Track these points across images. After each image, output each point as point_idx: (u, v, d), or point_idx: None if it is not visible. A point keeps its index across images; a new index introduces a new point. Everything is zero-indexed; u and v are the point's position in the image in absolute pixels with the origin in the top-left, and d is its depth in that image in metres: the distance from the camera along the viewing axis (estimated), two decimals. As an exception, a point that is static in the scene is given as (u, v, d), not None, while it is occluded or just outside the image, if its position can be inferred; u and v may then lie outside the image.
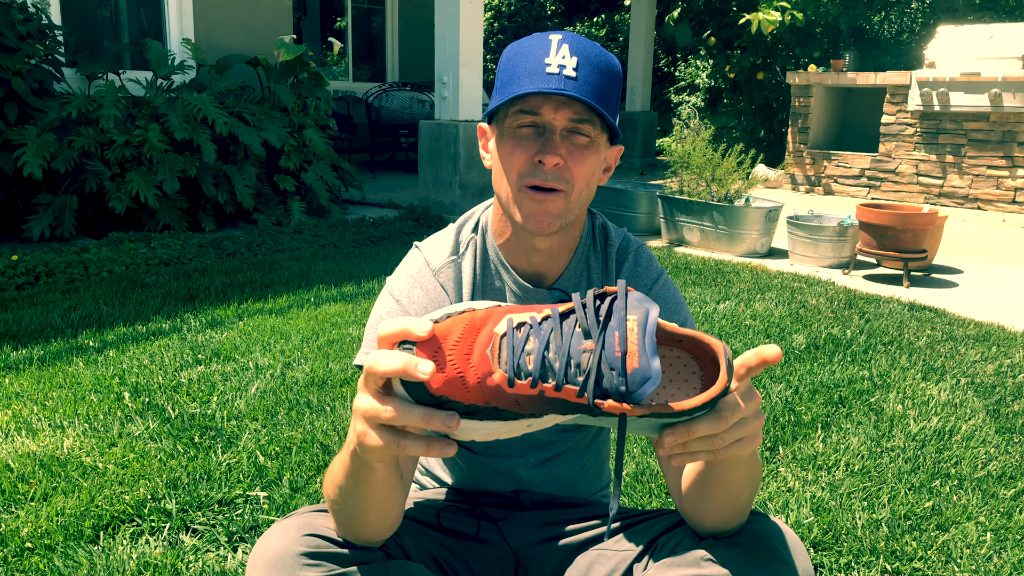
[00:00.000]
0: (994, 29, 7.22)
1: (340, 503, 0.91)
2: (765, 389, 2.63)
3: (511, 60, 1.01)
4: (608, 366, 0.68)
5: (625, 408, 0.68)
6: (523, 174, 1.00)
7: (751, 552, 0.95)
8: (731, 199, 5.13)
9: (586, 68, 0.97)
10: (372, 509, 0.91)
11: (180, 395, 2.48)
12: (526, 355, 0.70)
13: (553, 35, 0.98)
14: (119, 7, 6.47)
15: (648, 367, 0.67)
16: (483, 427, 0.73)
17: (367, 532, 0.94)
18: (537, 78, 0.96)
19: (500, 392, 0.70)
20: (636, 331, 0.69)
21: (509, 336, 0.71)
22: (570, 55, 0.96)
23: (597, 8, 14.11)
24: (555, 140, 0.99)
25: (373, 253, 4.74)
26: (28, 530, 1.70)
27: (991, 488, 2.01)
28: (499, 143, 1.03)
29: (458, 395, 0.70)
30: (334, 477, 0.91)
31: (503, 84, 1.01)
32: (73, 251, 4.29)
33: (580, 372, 0.69)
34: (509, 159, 1.01)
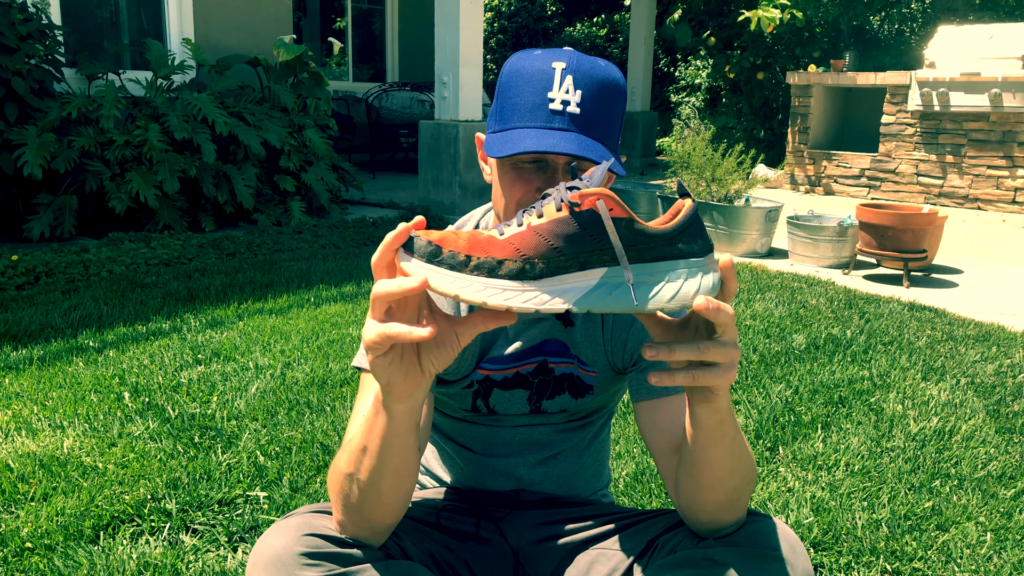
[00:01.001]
0: (994, 29, 7.22)
1: (353, 474, 0.90)
2: (765, 389, 2.63)
3: (513, 84, 0.98)
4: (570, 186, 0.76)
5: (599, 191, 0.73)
6: (522, 204, 1.00)
7: (750, 552, 0.95)
8: (731, 199, 5.13)
9: (591, 101, 0.95)
10: (388, 473, 0.89)
11: (180, 395, 2.48)
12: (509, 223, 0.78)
13: (557, 62, 0.95)
14: (119, 7, 6.47)
15: (603, 167, 0.75)
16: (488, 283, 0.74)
17: (376, 511, 0.93)
18: (539, 115, 0.94)
19: (493, 241, 0.75)
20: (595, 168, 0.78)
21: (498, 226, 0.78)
22: (574, 88, 0.94)
23: (597, 8, 14.11)
24: (558, 178, 0.98)
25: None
26: (28, 530, 1.70)
27: (991, 488, 2.01)
28: (499, 167, 1.02)
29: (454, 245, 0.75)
30: (351, 445, 0.90)
31: (504, 111, 0.98)
32: (73, 251, 4.29)
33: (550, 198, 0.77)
34: (510, 189, 1.00)
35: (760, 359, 2.93)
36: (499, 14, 13.80)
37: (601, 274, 0.75)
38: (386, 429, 0.86)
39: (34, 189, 4.84)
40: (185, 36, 6.31)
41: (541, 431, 1.19)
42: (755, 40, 9.69)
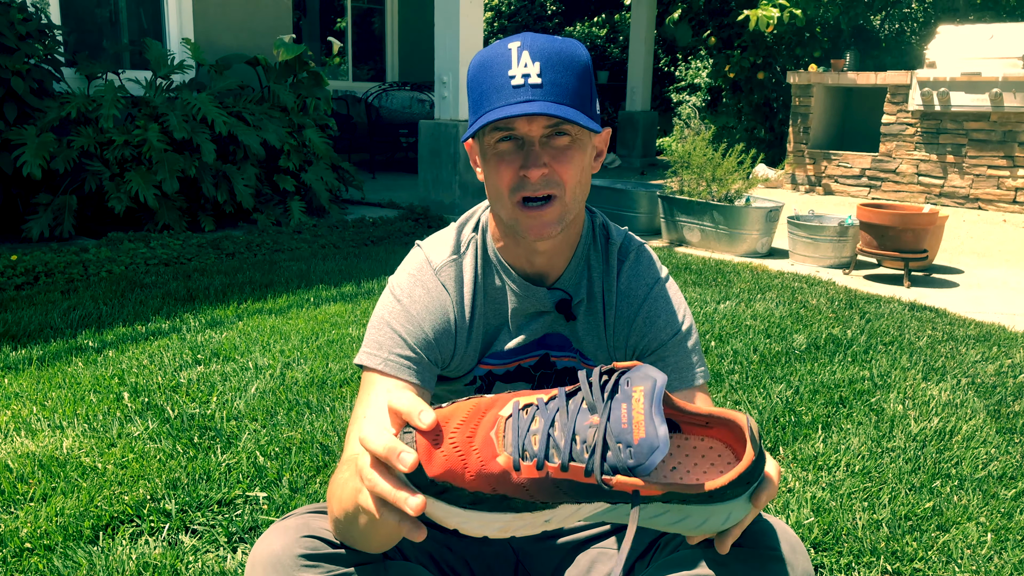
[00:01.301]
0: (995, 29, 7.22)
1: (344, 524, 0.91)
2: (765, 389, 2.62)
3: (477, 77, 1.00)
4: (615, 439, 0.64)
5: (636, 483, 0.64)
6: (513, 188, 1.00)
7: (751, 552, 0.95)
8: (731, 199, 5.13)
9: (551, 71, 0.96)
10: (375, 541, 0.91)
11: (180, 395, 2.47)
12: (531, 435, 0.67)
13: (512, 42, 0.98)
14: (119, 7, 6.47)
15: (655, 436, 0.63)
16: (493, 520, 0.68)
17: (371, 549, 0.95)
18: (504, 93, 0.96)
19: (506, 477, 0.66)
20: (643, 401, 0.65)
21: (515, 417, 0.68)
22: (532, 61, 0.96)
23: (597, 8, 14.11)
24: (535, 152, 0.98)
25: (373, 253, 4.73)
26: (27, 530, 1.70)
27: (992, 488, 2.01)
28: (484, 161, 1.03)
29: (459, 480, 0.67)
30: (343, 503, 0.89)
31: (475, 103, 1.00)
32: (72, 251, 4.29)
33: (586, 448, 0.65)
34: (496, 177, 1.01)
35: (760, 359, 2.93)
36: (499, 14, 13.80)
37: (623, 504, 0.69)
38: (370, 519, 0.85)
39: (33, 189, 4.84)
40: (185, 36, 6.31)
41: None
42: (755, 40, 9.68)
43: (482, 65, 0.99)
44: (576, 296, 1.12)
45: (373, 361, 1.06)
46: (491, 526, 0.68)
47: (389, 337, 1.07)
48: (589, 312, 1.13)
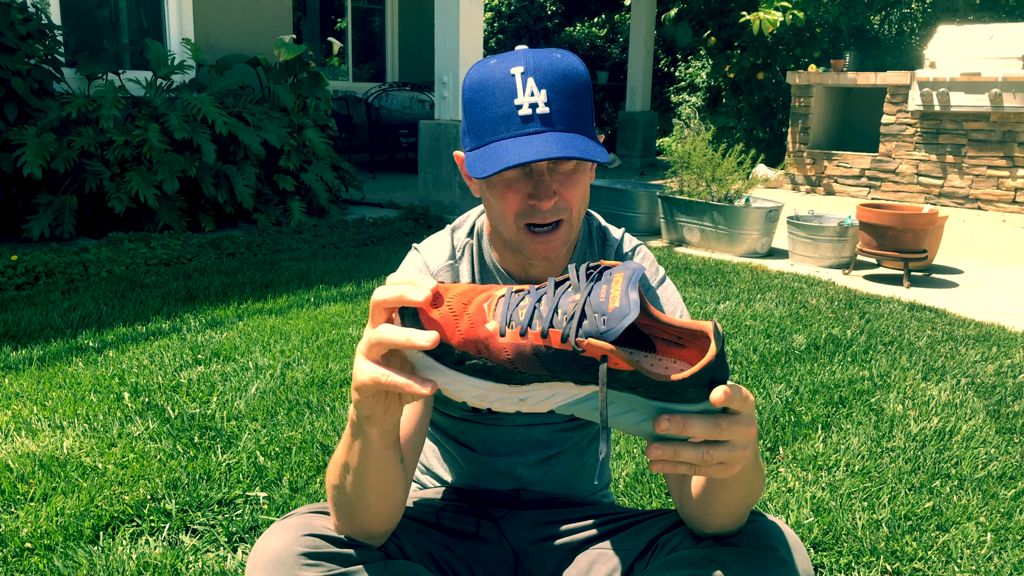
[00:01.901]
0: (994, 29, 7.22)
1: (340, 485, 0.92)
2: (765, 389, 2.62)
3: (477, 99, 0.96)
4: (592, 310, 0.69)
5: (606, 347, 0.68)
6: (520, 214, 0.99)
7: (750, 552, 0.95)
8: (731, 199, 5.13)
9: (557, 98, 0.94)
10: (371, 487, 0.91)
11: (180, 395, 2.47)
12: (519, 308, 0.73)
13: (514, 66, 0.94)
14: (119, 7, 6.47)
15: (628, 304, 0.68)
16: (473, 384, 0.73)
17: (367, 520, 0.94)
18: (511, 124, 0.93)
19: (492, 341, 0.72)
20: (621, 282, 0.70)
21: (507, 296, 0.74)
22: (538, 88, 0.93)
23: (597, 8, 14.10)
24: (546, 182, 0.97)
25: (373, 253, 4.74)
26: (28, 530, 1.70)
27: (991, 488, 2.01)
28: (486, 184, 1.01)
29: (451, 335, 0.73)
30: (336, 458, 0.92)
31: (477, 128, 0.96)
32: (73, 251, 4.29)
33: (566, 318, 0.70)
34: (502, 203, 0.99)
35: (760, 359, 2.93)
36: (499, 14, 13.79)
37: (593, 390, 0.73)
38: (363, 450, 0.87)
39: (34, 189, 4.84)
40: (185, 36, 6.31)
41: (541, 431, 1.19)
42: (755, 40, 9.68)
43: (483, 88, 0.96)
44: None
45: None
46: (471, 391, 0.73)
47: None
48: None
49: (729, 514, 0.96)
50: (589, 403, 0.74)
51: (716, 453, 0.73)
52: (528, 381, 0.73)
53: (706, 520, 0.98)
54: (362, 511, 0.93)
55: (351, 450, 0.89)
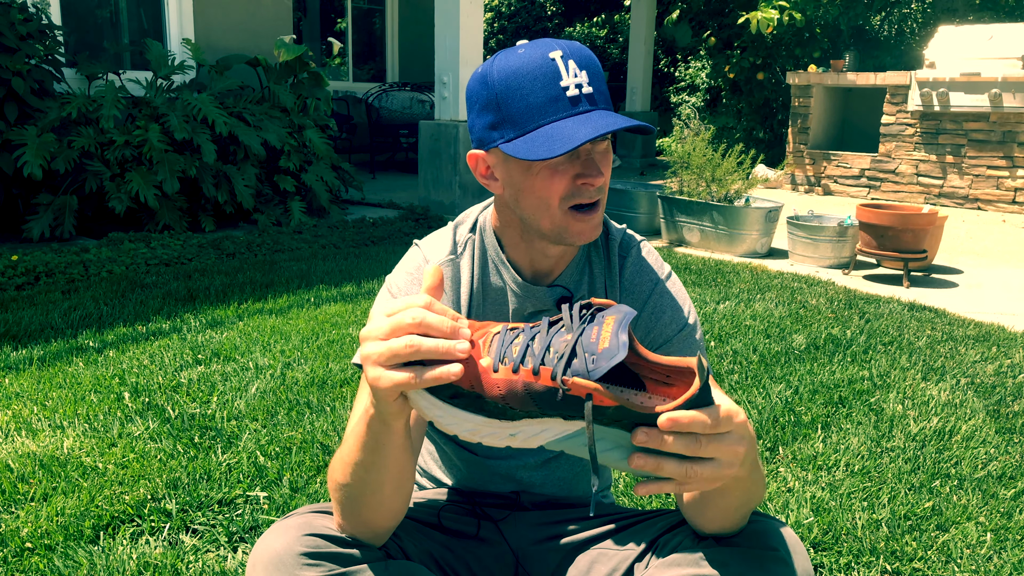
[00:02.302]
0: (994, 29, 7.22)
1: (352, 484, 0.91)
2: (765, 389, 2.63)
3: (517, 87, 0.95)
4: (583, 349, 0.72)
5: (591, 386, 0.70)
6: (565, 197, 0.99)
7: (751, 552, 0.95)
8: (731, 199, 5.13)
9: (595, 78, 0.97)
10: (389, 480, 0.90)
11: (180, 395, 2.48)
12: (513, 346, 0.75)
13: (552, 52, 0.95)
14: (119, 7, 6.47)
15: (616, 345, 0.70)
16: (466, 419, 0.75)
17: (377, 516, 0.94)
18: (561, 104, 0.94)
19: (485, 376, 0.74)
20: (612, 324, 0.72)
21: (502, 334, 0.76)
22: (579, 70, 0.95)
23: (597, 8, 14.11)
24: (594, 161, 0.98)
25: (373, 253, 4.74)
26: (28, 530, 1.70)
27: (991, 488, 2.01)
28: (526, 172, 0.99)
29: None
30: (347, 457, 0.90)
31: (518, 117, 0.95)
32: (73, 251, 4.29)
33: (557, 357, 0.73)
34: (547, 187, 0.98)
35: (760, 359, 2.93)
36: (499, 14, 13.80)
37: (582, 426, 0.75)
38: (384, 443, 0.86)
39: (34, 189, 4.84)
40: (185, 36, 6.31)
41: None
42: (755, 40, 9.69)
43: (521, 75, 0.95)
44: (577, 293, 1.12)
45: None
46: (463, 425, 0.75)
47: None
48: None
49: (726, 518, 0.96)
50: (578, 439, 0.75)
51: (700, 470, 0.73)
52: (518, 417, 0.75)
53: (702, 523, 0.98)
54: (375, 507, 0.93)
55: (368, 446, 0.87)
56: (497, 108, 0.97)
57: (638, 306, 1.12)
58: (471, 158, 1.04)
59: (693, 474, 0.73)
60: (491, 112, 0.98)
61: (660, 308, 1.11)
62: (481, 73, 0.99)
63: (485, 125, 0.99)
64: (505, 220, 1.09)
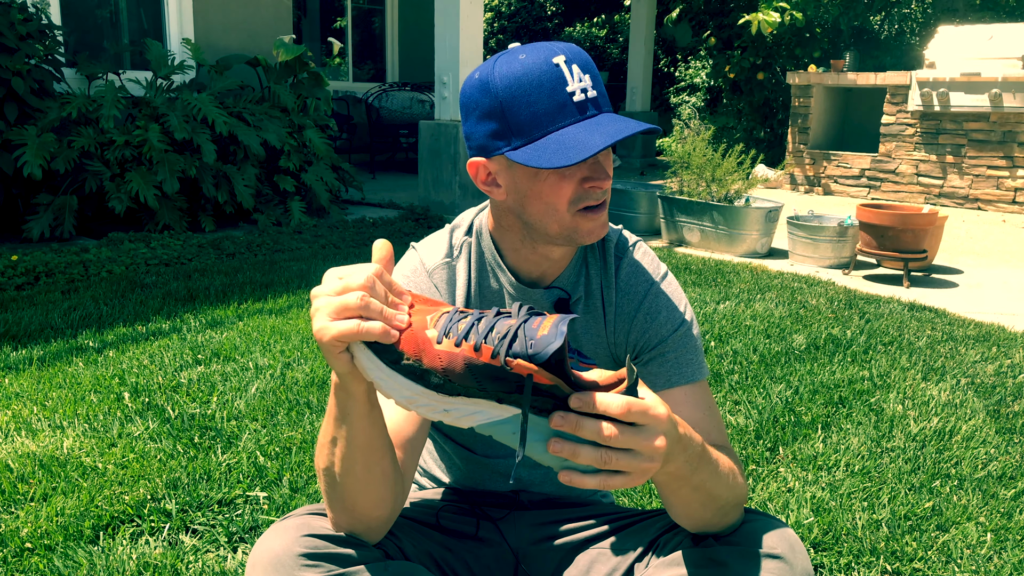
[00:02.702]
0: (994, 29, 7.22)
1: (329, 466, 0.92)
2: (765, 389, 2.63)
3: (522, 95, 0.94)
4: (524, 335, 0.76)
5: (531, 368, 0.74)
6: (573, 200, 0.99)
7: (750, 551, 0.95)
8: (731, 199, 5.13)
9: (594, 80, 0.97)
10: (360, 455, 0.90)
11: (180, 395, 2.48)
12: (459, 324, 0.79)
13: (555, 56, 0.95)
14: (119, 7, 6.47)
15: (555, 334, 0.75)
16: (404, 386, 0.77)
17: (362, 501, 0.93)
18: (568, 110, 0.94)
19: (428, 345, 0.77)
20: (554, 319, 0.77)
21: (451, 313, 0.81)
22: (583, 73, 0.96)
23: (597, 8, 14.11)
24: (602, 164, 0.98)
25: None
26: (28, 530, 1.70)
27: (991, 488, 2.01)
28: (533, 178, 0.98)
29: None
30: (321, 438, 0.92)
31: (525, 125, 0.95)
32: (73, 251, 4.29)
33: (499, 336, 0.77)
34: (556, 192, 0.98)
35: (760, 359, 2.93)
36: (499, 14, 13.80)
37: (513, 413, 0.78)
38: (349, 411, 0.87)
39: (34, 189, 4.84)
40: (185, 36, 6.31)
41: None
42: (755, 40, 9.69)
43: (526, 82, 0.94)
44: (574, 294, 1.12)
45: None
46: (401, 392, 0.78)
47: None
48: (588, 310, 1.13)
49: (693, 516, 0.97)
50: (508, 426, 0.78)
51: (617, 459, 0.76)
52: (454, 392, 0.77)
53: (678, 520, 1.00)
54: (355, 490, 0.92)
55: (336, 419, 0.89)
56: (502, 116, 0.96)
57: (633, 307, 1.12)
58: (471, 166, 1.03)
59: (608, 460, 0.76)
60: (494, 120, 0.97)
61: (655, 309, 1.11)
62: (480, 80, 0.98)
63: (487, 133, 0.98)
64: (506, 224, 1.08)
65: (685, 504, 0.95)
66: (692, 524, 0.99)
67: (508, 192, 1.02)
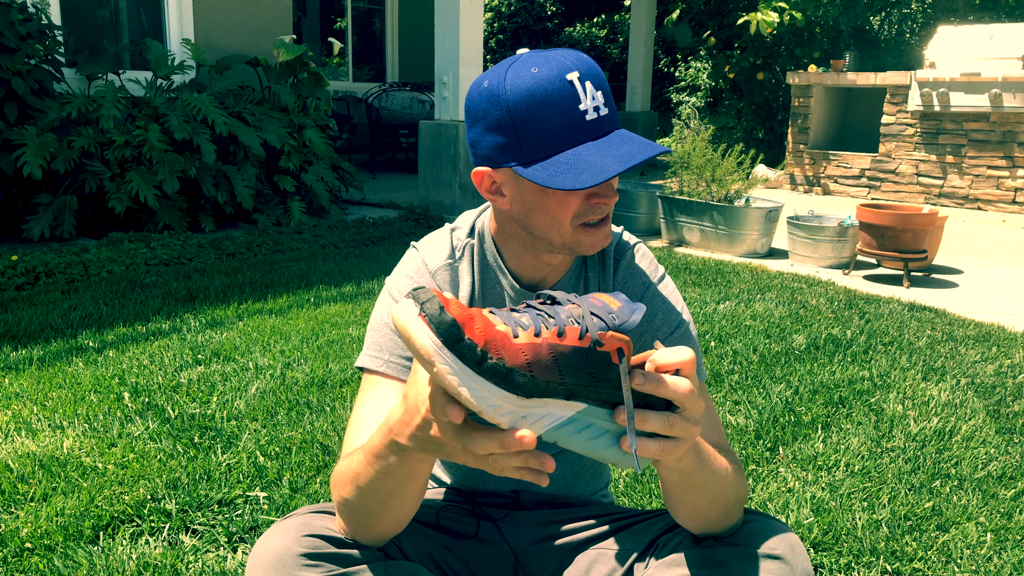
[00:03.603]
0: (994, 29, 7.22)
1: (366, 503, 0.91)
2: (765, 389, 2.63)
3: (536, 112, 0.93)
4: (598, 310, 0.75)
5: (623, 339, 0.74)
6: (577, 215, 0.99)
7: (750, 552, 0.95)
8: (731, 199, 5.13)
9: (606, 96, 0.96)
10: (408, 499, 0.92)
11: (180, 395, 2.48)
12: (521, 317, 0.76)
13: (568, 73, 0.94)
14: (119, 7, 6.47)
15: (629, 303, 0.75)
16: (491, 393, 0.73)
17: (388, 526, 0.94)
18: (582, 130, 0.93)
19: (508, 342, 0.73)
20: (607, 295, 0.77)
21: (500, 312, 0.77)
22: (595, 90, 0.94)
23: (597, 8, 14.11)
24: (609, 182, 0.98)
25: (373, 253, 4.74)
26: (28, 530, 1.70)
27: (991, 488, 2.01)
28: (540, 193, 0.98)
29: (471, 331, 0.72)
30: (361, 478, 0.90)
31: (538, 143, 0.94)
32: (73, 251, 4.29)
33: (573, 319, 0.75)
34: (561, 208, 0.98)
35: (760, 359, 2.93)
36: (499, 14, 13.80)
37: (577, 409, 0.77)
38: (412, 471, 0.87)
39: (34, 189, 4.84)
40: (185, 36, 6.31)
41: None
42: (755, 40, 9.69)
43: (539, 99, 0.93)
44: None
45: (375, 363, 1.07)
46: (489, 398, 0.73)
47: (389, 339, 1.07)
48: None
49: (700, 515, 0.97)
50: (571, 426, 0.77)
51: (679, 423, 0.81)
52: (533, 393, 0.74)
53: (683, 521, 1.00)
54: (386, 522, 0.94)
55: (391, 473, 0.88)
56: (512, 131, 0.95)
57: None
58: (476, 175, 1.02)
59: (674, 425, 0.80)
60: (504, 134, 0.95)
61: (652, 310, 1.12)
62: (489, 91, 0.96)
63: (495, 145, 0.97)
64: (509, 232, 1.08)
65: (692, 503, 0.95)
66: (697, 524, 0.99)
67: (513, 203, 1.02)
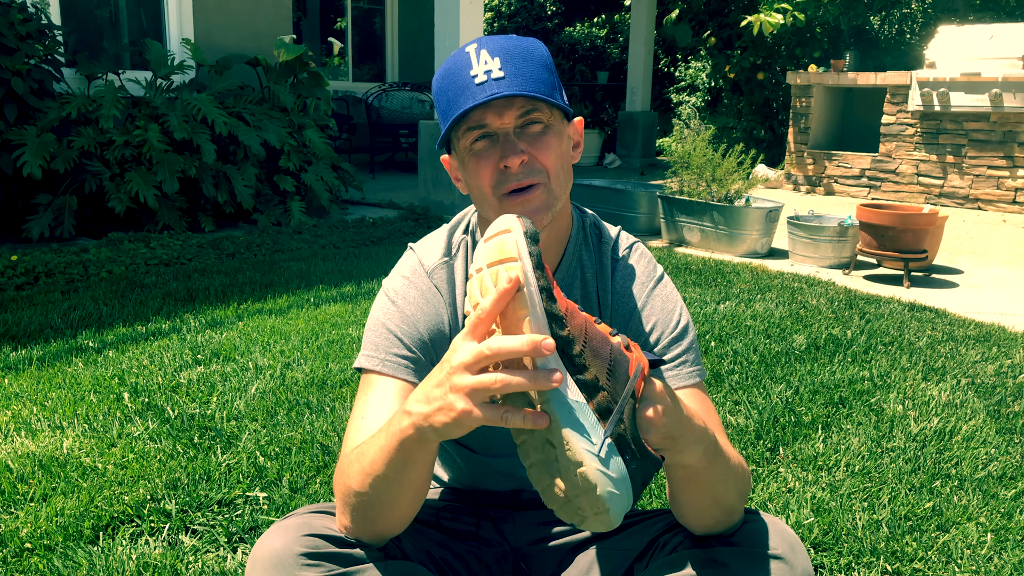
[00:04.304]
0: (994, 29, 7.22)
1: (373, 494, 0.91)
2: (765, 389, 2.63)
3: (442, 86, 1.01)
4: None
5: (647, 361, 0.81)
6: (495, 184, 1.00)
7: (750, 552, 0.95)
8: (731, 199, 5.13)
9: (510, 63, 0.97)
10: (412, 490, 0.91)
11: (180, 395, 2.47)
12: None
13: (469, 46, 0.99)
14: (119, 7, 6.47)
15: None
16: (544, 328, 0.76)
17: (390, 523, 0.94)
18: (468, 92, 0.97)
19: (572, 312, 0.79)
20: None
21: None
22: (491, 57, 0.97)
23: (597, 8, 14.10)
24: (511, 140, 0.98)
25: (373, 253, 4.73)
26: (27, 531, 1.70)
27: (991, 489, 2.01)
28: (464, 167, 1.04)
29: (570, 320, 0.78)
30: (369, 468, 0.90)
31: (443, 112, 1.01)
32: (73, 251, 4.29)
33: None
34: (476, 177, 1.01)
35: (760, 359, 2.93)
36: (499, 14, 13.79)
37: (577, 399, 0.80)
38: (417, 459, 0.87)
39: (34, 189, 4.84)
40: (185, 36, 6.31)
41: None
42: (755, 40, 9.68)
43: (445, 74, 1.01)
44: (570, 296, 1.12)
45: (372, 363, 1.07)
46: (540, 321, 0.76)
47: (386, 338, 1.07)
48: (587, 307, 1.13)
49: (701, 515, 0.98)
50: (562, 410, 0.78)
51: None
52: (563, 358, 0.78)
53: (684, 520, 1.01)
54: (392, 515, 0.93)
55: (396, 465, 0.87)
56: (438, 108, 1.03)
57: (628, 309, 1.12)
58: (444, 163, 1.10)
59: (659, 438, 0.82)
60: (439, 115, 1.03)
61: (651, 311, 1.11)
62: None
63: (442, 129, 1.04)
64: (482, 217, 1.11)
65: (698, 502, 0.95)
66: (701, 525, 0.99)
67: (464, 185, 1.08)
